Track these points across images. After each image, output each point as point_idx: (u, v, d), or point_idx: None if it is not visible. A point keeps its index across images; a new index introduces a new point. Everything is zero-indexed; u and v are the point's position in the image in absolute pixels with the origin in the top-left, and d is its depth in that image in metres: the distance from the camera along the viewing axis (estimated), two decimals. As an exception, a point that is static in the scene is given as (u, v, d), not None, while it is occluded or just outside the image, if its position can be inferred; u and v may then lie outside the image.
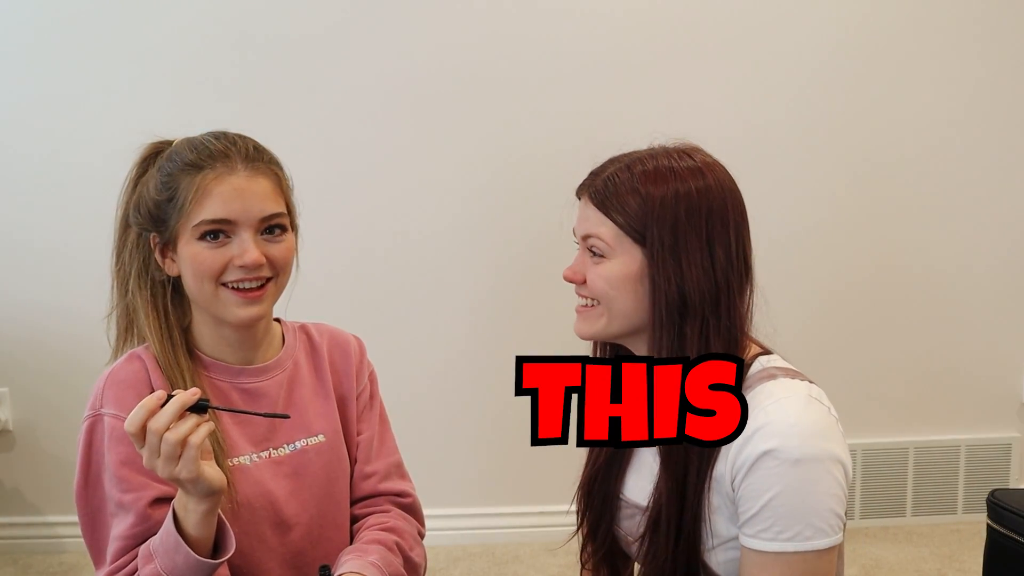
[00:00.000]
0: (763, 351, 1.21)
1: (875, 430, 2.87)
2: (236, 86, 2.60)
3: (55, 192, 2.61)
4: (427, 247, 2.70)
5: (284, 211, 1.25)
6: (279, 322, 1.38)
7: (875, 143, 2.77)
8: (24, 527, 2.75)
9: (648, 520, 1.20)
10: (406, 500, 1.40)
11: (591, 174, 1.21)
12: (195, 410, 1.06)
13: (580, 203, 1.21)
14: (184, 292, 1.27)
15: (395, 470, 1.41)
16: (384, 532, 1.32)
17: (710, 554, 1.18)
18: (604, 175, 1.18)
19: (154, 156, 1.28)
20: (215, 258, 1.20)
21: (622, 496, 1.28)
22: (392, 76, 2.63)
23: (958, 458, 2.90)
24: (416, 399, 2.69)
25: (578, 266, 1.21)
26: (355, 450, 1.38)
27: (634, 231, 1.15)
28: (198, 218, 1.19)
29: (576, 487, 1.34)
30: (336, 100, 2.63)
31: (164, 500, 1.18)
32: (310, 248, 1.36)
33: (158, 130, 1.35)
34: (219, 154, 1.22)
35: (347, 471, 1.36)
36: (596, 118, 2.64)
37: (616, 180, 1.16)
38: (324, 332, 1.42)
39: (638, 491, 1.25)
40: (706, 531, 1.16)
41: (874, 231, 2.80)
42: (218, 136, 1.25)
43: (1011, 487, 2.83)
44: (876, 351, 2.85)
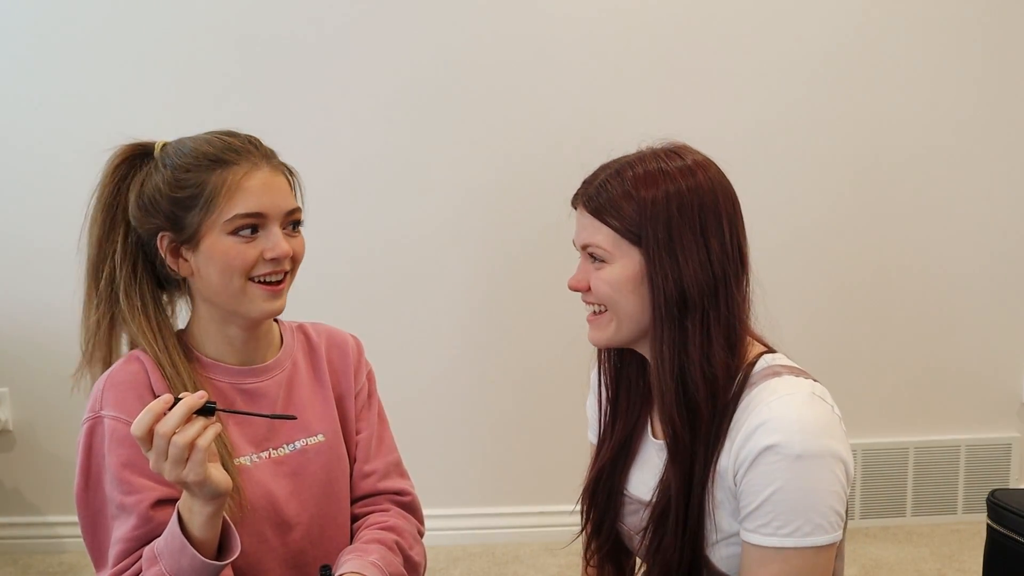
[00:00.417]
0: (768, 349, 1.22)
1: (875, 430, 2.87)
2: (236, 86, 2.60)
3: (55, 192, 2.61)
4: (426, 247, 2.70)
5: (300, 207, 1.28)
6: (277, 322, 1.38)
7: (875, 143, 2.77)
8: (24, 527, 2.75)
9: (653, 513, 1.21)
10: (405, 499, 1.40)
11: (584, 183, 1.23)
12: (202, 413, 1.06)
13: (577, 213, 1.23)
14: (173, 295, 1.28)
15: (394, 469, 1.42)
16: (384, 531, 1.32)
17: (713, 549, 1.18)
18: (596, 183, 1.20)
19: (139, 157, 1.27)
20: (248, 252, 1.21)
21: (626, 492, 1.30)
22: (391, 77, 2.63)
23: (958, 458, 2.90)
24: (416, 399, 2.69)
25: (581, 274, 1.22)
26: (354, 449, 1.38)
27: (630, 233, 1.16)
28: (231, 213, 1.19)
29: (582, 487, 1.35)
30: (335, 101, 2.63)
31: (166, 502, 1.18)
32: (310, 248, 1.36)
33: (159, 130, 1.35)
34: (243, 150, 1.22)
35: (347, 470, 1.37)
36: (596, 119, 2.64)
37: (609, 187, 1.18)
38: (322, 332, 1.42)
39: (642, 486, 1.27)
40: (709, 525, 1.17)
41: (874, 231, 2.80)
42: (230, 134, 1.26)
43: (1011, 487, 2.83)
44: (876, 351, 2.85)
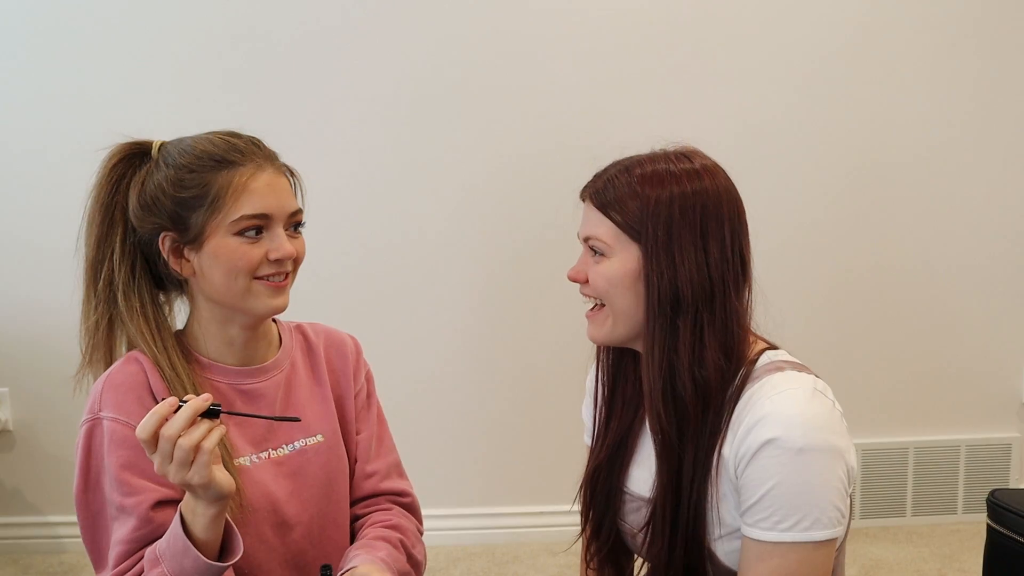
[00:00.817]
0: (770, 346, 1.23)
1: (875, 430, 2.87)
2: (235, 86, 2.60)
3: (56, 192, 2.60)
4: (426, 246, 2.70)
5: (302, 208, 1.28)
6: (276, 322, 1.38)
7: (875, 143, 2.76)
8: (24, 527, 2.75)
9: (652, 509, 1.21)
10: (406, 499, 1.41)
11: (594, 177, 1.24)
12: (206, 415, 1.06)
13: (584, 205, 1.24)
14: (170, 295, 1.28)
15: (394, 469, 1.42)
16: (388, 529, 1.33)
17: (717, 543, 1.18)
18: (605, 177, 1.22)
19: (136, 156, 1.27)
20: (254, 252, 1.21)
21: (626, 489, 1.29)
22: (391, 77, 2.62)
23: (958, 458, 2.89)
24: (416, 399, 2.68)
25: (581, 266, 1.24)
26: (354, 449, 1.38)
27: (631, 229, 1.17)
28: (237, 213, 1.20)
29: (579, 485, 1.34)
30: (335, 101, 2.63)
31: (166, 503, 1.18)
32: (309, 247, 1.36)
33: (160, 129, 1.35)
34: (247, 151, 1.23)
35: (346, 471, 1.37)
36: (596, 119, 2.63)
37: (616, 182, 1.19)
38: (320, 332, 1.42)
39: (642, 483, 1.26)
40: (712, 520, 1.17)
41: (874, 231, 2.80)
42: (233, 134, 1.26)
43: (1011, 487, 2.83)
44: (876, 351, 2.85)
